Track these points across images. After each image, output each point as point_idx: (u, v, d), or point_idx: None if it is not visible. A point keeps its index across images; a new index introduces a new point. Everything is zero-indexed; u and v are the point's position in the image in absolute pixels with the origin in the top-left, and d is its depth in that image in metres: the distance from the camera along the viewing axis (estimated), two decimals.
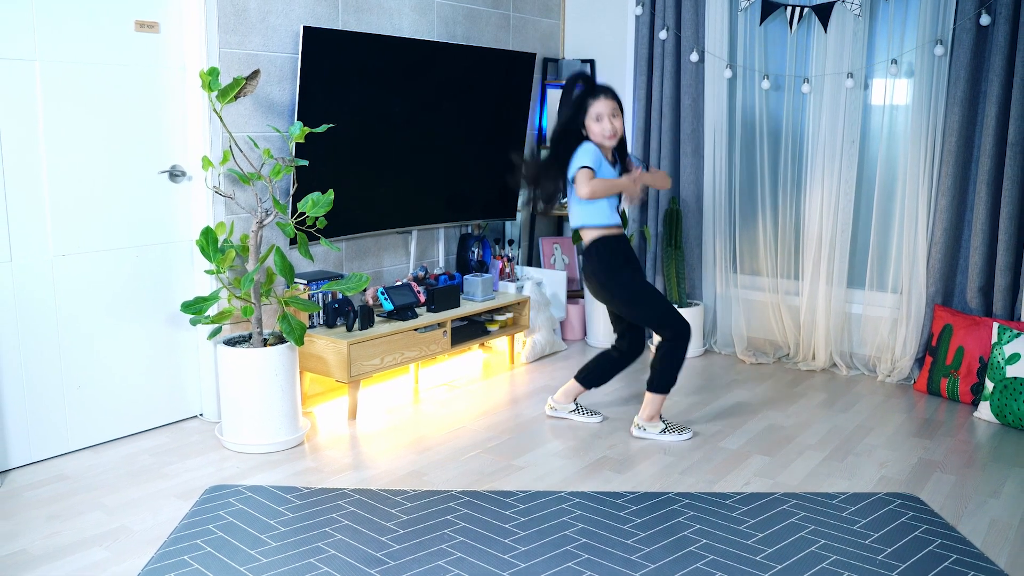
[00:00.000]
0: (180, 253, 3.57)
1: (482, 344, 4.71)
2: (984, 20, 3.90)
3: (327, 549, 2.52)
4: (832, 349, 4.52)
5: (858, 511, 2.83)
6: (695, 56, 4.66)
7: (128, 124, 3.35)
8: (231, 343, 3.38)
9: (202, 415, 3.71)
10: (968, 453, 3.40)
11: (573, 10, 5.28)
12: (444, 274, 4.35)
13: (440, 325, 4.02)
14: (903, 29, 4.20)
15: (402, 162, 4.17)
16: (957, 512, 2.87)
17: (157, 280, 3.51)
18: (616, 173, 3.40)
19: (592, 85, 3.40)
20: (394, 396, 4.04)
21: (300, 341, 3.16)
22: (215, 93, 3.14)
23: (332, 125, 3.54)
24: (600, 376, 3.66)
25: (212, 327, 3.38)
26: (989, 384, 3.74)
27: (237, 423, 3.29)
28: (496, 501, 2.88)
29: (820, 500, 2.92)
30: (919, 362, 4.28)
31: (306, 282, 3.70)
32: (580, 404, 3.77)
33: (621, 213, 3.64)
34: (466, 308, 4.20)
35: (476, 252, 4.66)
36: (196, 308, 3.16)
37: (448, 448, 3.40)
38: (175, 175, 3.52)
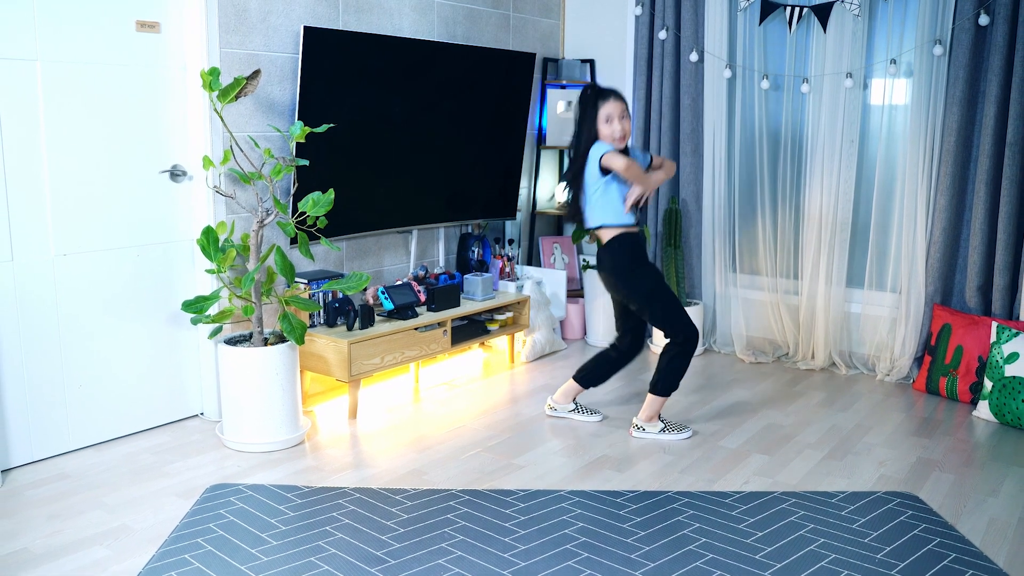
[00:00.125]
0: (181, 252, 3.58)
1: (482, 343, 4.71)
2: (983, 20, 3.91)
3: (328, 548, 2.53)
4: (831, 348, 4.52)
5: (857, 510, 2.84)
6: (695, 56, 4.66)
7: (129, 124, 3.35)
8: (232, 342, 3.39)
9: (203, 414, 3.71)
10: (967, 452, 3.41)
11: (573, 10, 5.29)
12: (444, 273, 4.35)
13: (440, 324, 4.03)
14: (902, 29, 4.21)
15: (402, 162, 4.17)
16: (956, 511, 2.88)
17: (158, 279, 3.51)
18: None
19: (600, 88, 3.44)
20: (394, 395, 4.05)
21: (301, 340, 3.16)
22: (216, 93, 3.14)
23: (332, 125, 3.55)
24: (599, 376, 3.67)
25: (213, 326, 3.38)
26: (988, 383, 3.74)
27: (238, 422, 3.30)
28: (496, 500, 2.88)
29: (819, 499, 2.92)
30: (918, 361, 4.29)
31: (307, 281, 3.70)
32: (580, 403, 3.78)
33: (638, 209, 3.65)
34: (466, 307, 4.21)
35: (476, 251, 4.67)
36: (197, 307, 3.17)
37: (448, 447, 3.41)
38: (176, 175, 3.53)
